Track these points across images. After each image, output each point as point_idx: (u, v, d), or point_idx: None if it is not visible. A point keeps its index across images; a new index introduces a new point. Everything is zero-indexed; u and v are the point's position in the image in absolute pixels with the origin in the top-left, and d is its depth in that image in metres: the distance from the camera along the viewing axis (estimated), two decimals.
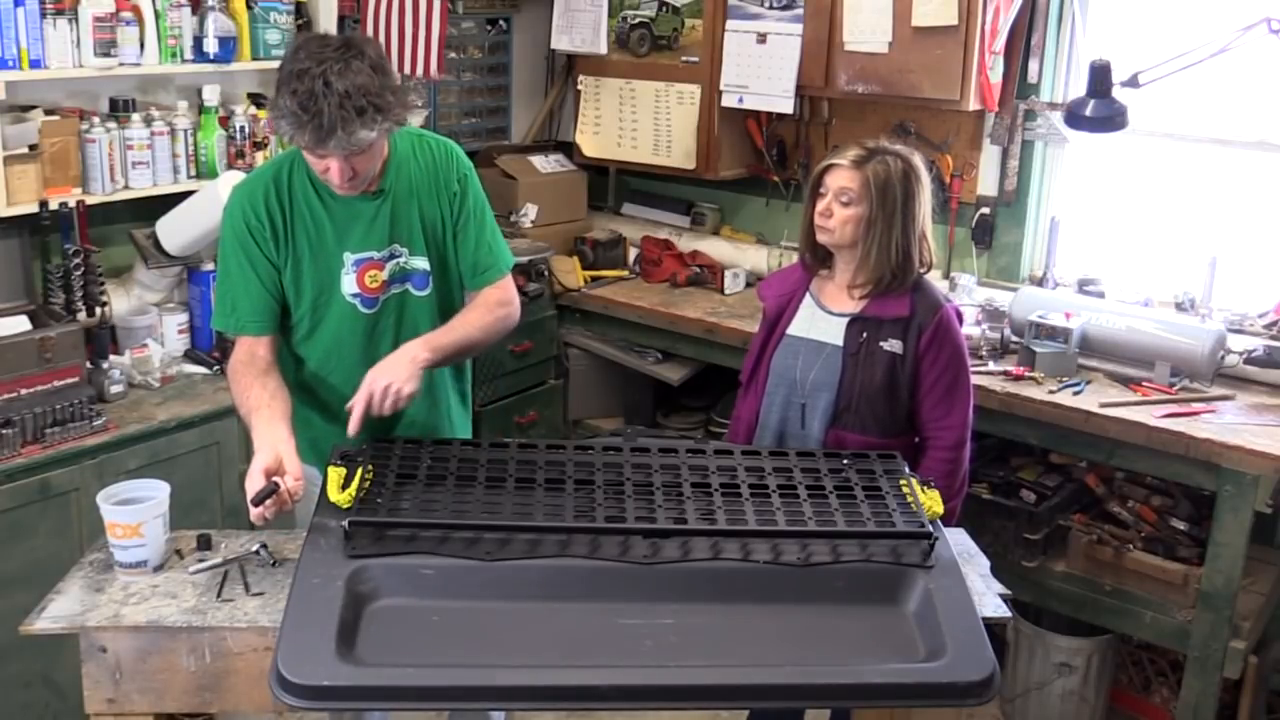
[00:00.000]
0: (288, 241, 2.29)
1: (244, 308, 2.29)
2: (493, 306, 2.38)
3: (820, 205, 2.45)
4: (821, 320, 2.51)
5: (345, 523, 1.94)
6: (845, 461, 2.23)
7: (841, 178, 2.42)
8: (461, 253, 2.39)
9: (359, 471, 2.07)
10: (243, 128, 3.33)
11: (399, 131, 2.33)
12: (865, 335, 2.44)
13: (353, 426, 2.14)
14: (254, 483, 1.99)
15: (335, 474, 2.06)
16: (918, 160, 2.47)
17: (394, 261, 2.32)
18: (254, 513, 1.98)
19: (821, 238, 2.47)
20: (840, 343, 2.46)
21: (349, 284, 2.30)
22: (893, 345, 2.43)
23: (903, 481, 2.15)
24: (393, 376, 2.15)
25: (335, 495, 2.03)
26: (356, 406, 2.14)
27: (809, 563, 1.93)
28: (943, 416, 2.47)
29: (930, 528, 1.99)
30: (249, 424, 2.18)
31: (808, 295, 2.55)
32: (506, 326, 2.41)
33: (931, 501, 2.09)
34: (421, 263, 2.35)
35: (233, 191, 2.34)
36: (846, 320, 2.47)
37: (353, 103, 2.04)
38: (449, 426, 2.50)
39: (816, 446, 2.48)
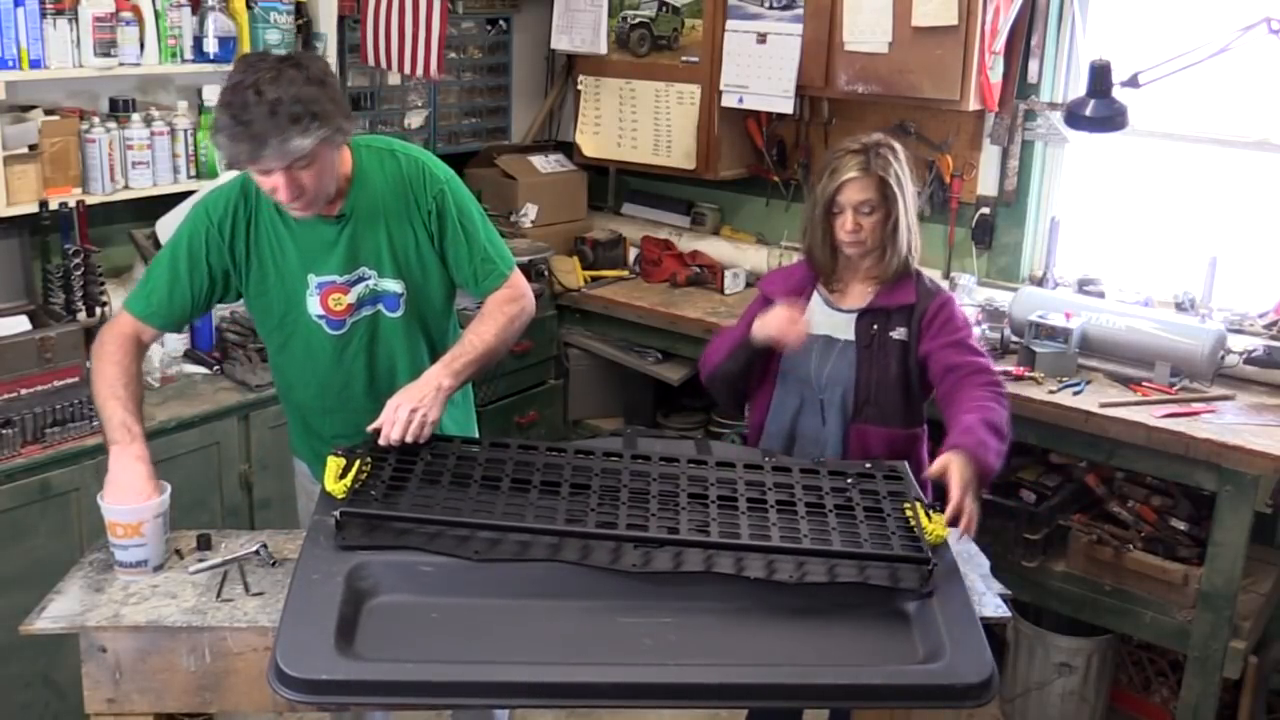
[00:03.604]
0: (250, 260, 2.26)
1: (159, 302, 2.25)
2: (502, 306, 2.32)
3: (845, 223, 2.42)
4: (831, 316, 2.51)
5: (337, 513, 1.94)
6: (849, 480, 2.21)
7: (856, 191, 2.41)
8: (456, 265, 2.33)
9: (356, 463, 2.08)
10: None
11: (367, 149, 2.28)
12: (876, 327, 2.46)
13: (381, 441, 2.13)
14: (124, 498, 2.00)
15: (334, 464, 2.07)
16: (895, 142, 2.49)
17: (362, 284, 2.28)
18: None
19: (852, 251, 2.45)
20: (852, 337, 2.48)
21: (313, 305, 2.28)
22: (899, 333, 2.45)
23: (906, 505, 2.12)
24: (417, 402, 2.13)
25: (331, 484, 2.04)
26: (384, 428, 2.12)
27: (802, 581, 1.91)
28: (969, 355, 2.39)
29: (929, 554, 1.94)
30: (102, 413, 2.13)
31: (815, 293, 2.56)
32: (523, 322, 2.36)
33: (935, 526, 2.04)
34: (393, 284, 2.30)
35: (203, 200, 2.30)
36: (856, 315, 2.48)
37: (285, 109, 1.98)
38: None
39: (836, 444, 2.48)
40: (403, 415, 2.12)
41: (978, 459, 2.14)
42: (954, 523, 2.08)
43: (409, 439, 2.12)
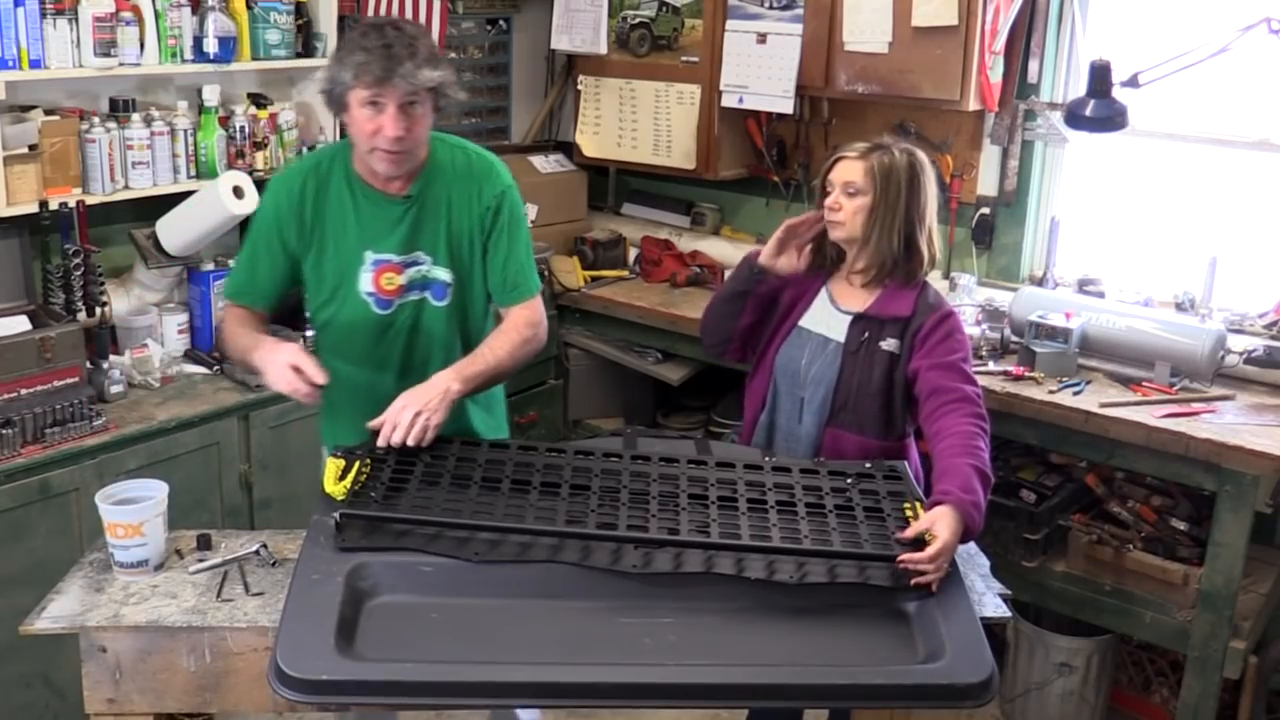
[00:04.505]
0: (314, 231, 2.35)
1: (241, 281, 2.42)
2: (520, 328, 2.37)
3: (829, 200, 2.44)
4: (831, 316, 2.51)
5: (337, 515, 1.94)
6: (849, 480, 2.21)
7: (846, 170, 2.43)
8: (491, 266, 2.39)
9: (356, 464, 2.07)
10: (243, 128, 3.33)
11: (441, 142, 2.38)
12: (867, 334, 2.44)
13: (381, 442, 2.14)
14: (280, 377, 2.16)
15: (334, 465, 2.07)
16: (924, 157, 2.47)
17: (414, 268, 2.35)
18: (305, 392, 2.15)
19: (834, 233, 2.46)
20: (842, 340, 2.46)
21: (365, 281, 2.34)
22: (890, 345, 2.42)
23: (906, 505, 2.12)
24: (423, 405, 2.15)
25: (331, 486, 2.04)
26: (385, 428, 2.13)
27: (802, 581, 1.91)
28: (957, 382, 2.32)
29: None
30: (249, 357, 2.29)
31: (824, 290, 2.55)
32: (535, 348, 2.41)
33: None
34: (443, 274, 2.36)
35: (276, 175, 2.44)
36: (851, 318, 2.47)
37: (423, 46, 2.18)
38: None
39: (810, 445, 2.47)
40: (406, 418, 2.13)
41: (969, 520, 2.02)
42: (920, 581, 1.93)
43: (410, 442, 2.13)
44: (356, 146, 2.28)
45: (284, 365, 2.16)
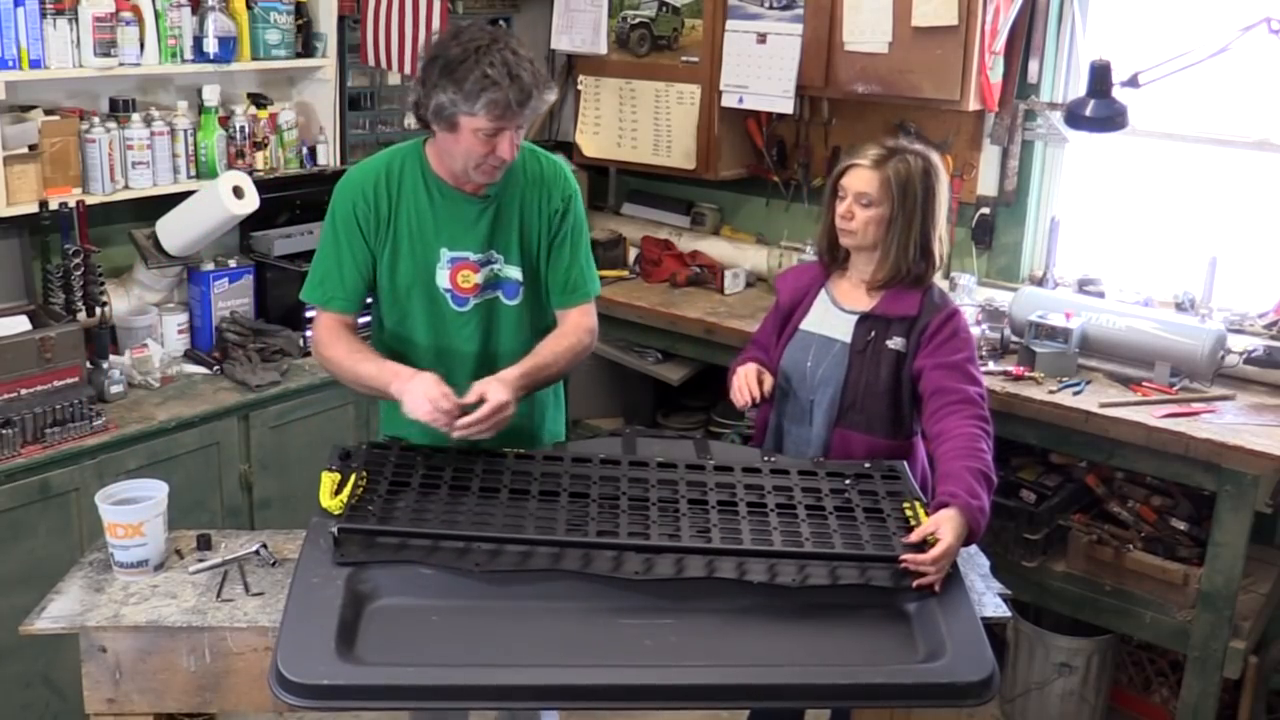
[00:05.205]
0: (389, 228, 2.34)
1: (332, 284, 2.36)
2: (580, 334, 2.39)
3: (841, 208, 2.42)
4: (834, 316, 2.50)
5: (334, 529, 1.94)
6: (848, 481, 2.21)
7: (860, 180, 2.40)
8: (553, 269, 2.41)
9: (352, 477, 2.06)
10: (243, 128, 3.33)
11: None
12: (873, 333, 2.43)
13: (468, 429, 2.14)
14: (419, 408, 2.13)
15: (328, 479, 2.05)
16: (937, 159, 2.45)
17: (489, 267, 2.36)
18: (444, 423, 2.12)
19: (845, 241, 2.45)
20: (848, 340, 2.46)
21: (443, 279, 2.36)
22: (896, 344, 2.41)
23: (906, 504, 2.12)
24: (512, 409, 2.16)
25: (327, 501, 2.02)
26: (483, 410, 2.13)
27: (804, 585, 1.91)
28: (961, 383, 2.31)
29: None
30: (388, 389, 2.23)
31: (823, 291, 2.55)
32: (585, 354, 2.43)
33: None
34: (515, 273, 2.39)
35: (347, 174, 2.40)
36: (856, 318, 2.46)
37: (540, 71, 2.20)
38: (544, 433, 2.55)
39: (819, 446, 2.47)
40: (508, 413, 2.14)
41: (973, 523, 2.03)
42: (922, 582, 1.95)
43: (487, 435, 2.15)
44: (452, 161, 2.26)
45: (422, 397, 2.14)
